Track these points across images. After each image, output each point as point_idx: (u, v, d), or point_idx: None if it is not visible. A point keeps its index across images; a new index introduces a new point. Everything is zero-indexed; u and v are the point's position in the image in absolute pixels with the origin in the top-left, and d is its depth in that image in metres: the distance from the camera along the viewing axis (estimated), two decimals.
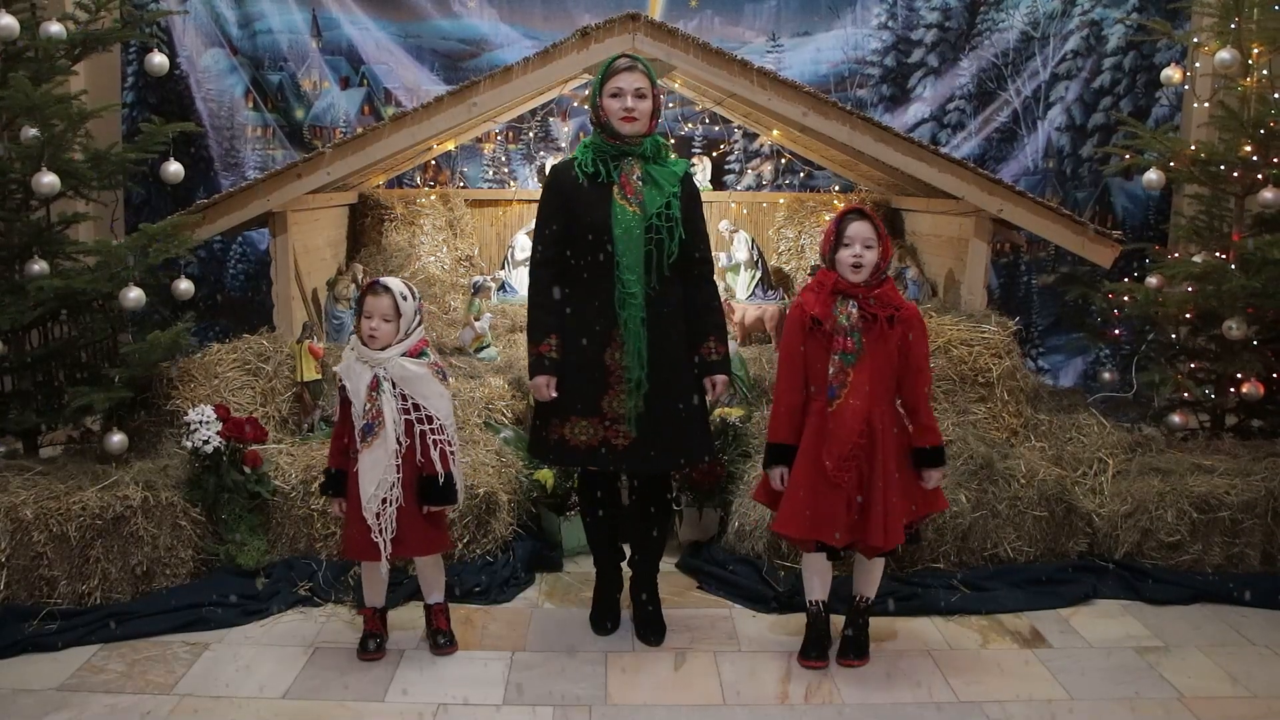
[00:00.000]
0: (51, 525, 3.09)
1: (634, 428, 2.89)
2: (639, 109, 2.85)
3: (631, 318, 2.85)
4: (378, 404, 2.84)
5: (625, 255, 2.83)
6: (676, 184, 2.90)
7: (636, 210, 2.84)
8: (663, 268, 2.87)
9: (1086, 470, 3.80)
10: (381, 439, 2.84)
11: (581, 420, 2.91)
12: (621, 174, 2.87)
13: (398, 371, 2.87)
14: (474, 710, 2.74)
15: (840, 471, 2.76)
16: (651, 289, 2.87)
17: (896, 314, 2.82)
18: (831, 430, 2.78)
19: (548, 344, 2.91)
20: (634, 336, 2.85)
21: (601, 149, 2.90)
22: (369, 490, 2.84)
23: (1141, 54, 5.67)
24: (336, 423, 2.97)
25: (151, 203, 5.48)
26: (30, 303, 3.40)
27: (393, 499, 2.86)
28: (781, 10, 5.74)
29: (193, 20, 5.55)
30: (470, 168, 5.90)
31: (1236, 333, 3.98)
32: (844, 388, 2.78)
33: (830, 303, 2.82)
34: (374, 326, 2.86)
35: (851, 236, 2.80)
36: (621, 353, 2.87)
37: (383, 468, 2.84)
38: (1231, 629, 3.30)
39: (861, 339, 2.78)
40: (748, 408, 4.06)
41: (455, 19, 5.71)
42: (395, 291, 2.88)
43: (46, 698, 2.76)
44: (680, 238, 2.87)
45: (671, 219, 2.86)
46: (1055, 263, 5.78)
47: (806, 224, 5.66)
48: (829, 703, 2.81)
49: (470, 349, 4.69)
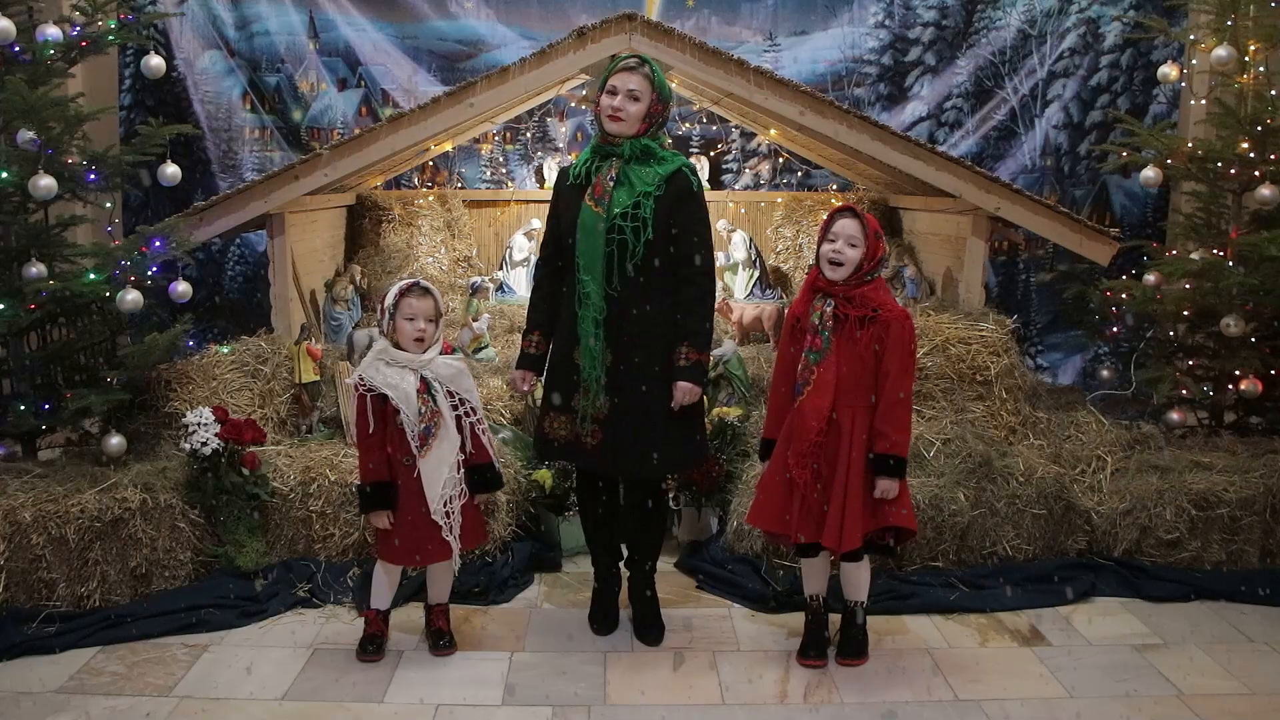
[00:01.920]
0: (50, 528, 3.08)
1: (600, 428, 2.90)
2: (626, 110, 2.82)
3: (585, 318, 2.84)
4: (432, 405, 2.87)
5: (584, 255, 2.84)
6: (656, 184, 2.82)
7: (600, 211, 2.82)
8: (624, 269, 2.83)
9: (1085, 468, 3.80)
10: (442, 438, 2.88)
11: (560, 416, 2.96)
12: (597, 175, 2.86)
13: (444, 371, 2.91)
14: (473, 711, 2.74)
15: (798, 468, 2.78)
16: (613, 290, 2.83)
17: (874, 316, 2.76)
18: (794, 426, 2.81)
19: (529, 340, 3.03)
20: (586, 336, 2.85)
21: (597, 149, 2.91)
22: (436, 491, 2.87)
23: (1139, 51, 5.67)
24: (370, 434, 2.88)
25: (149, 205, 5.48)
26: (28, 305, 3.41)
27: (458, 494, 2.91)
28: (778, 9, 5.74)
29: (190, 22, 5.55)
30: (468, 168, 5.90)
31: (1235, 330, 3.98)
32: (808, 385, 2.79)
33: (809, 300, 2.84)
34: (421, 328, 2.89)
35: (836, 233, 2.79)
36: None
37: (448, 465, 2.89)
38: (1230, 626, 3.30)
39: (830, 337, 2.78)
40: (746, 407, 4.06)
41: (452, 20, 5.71)
42: (436, 294, 2.94)
43: (46, 700, 2.76)
44: (647, 239, 2.80)
45: (639, 219, 2.80)
46: (1053, 260, 5.78)
47: (804, 223, 5.67)
48: (828, 702, 2.81)
49: (468, 350, 4.69)
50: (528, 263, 5.53)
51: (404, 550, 2.94)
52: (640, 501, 3.10)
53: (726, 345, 4.24)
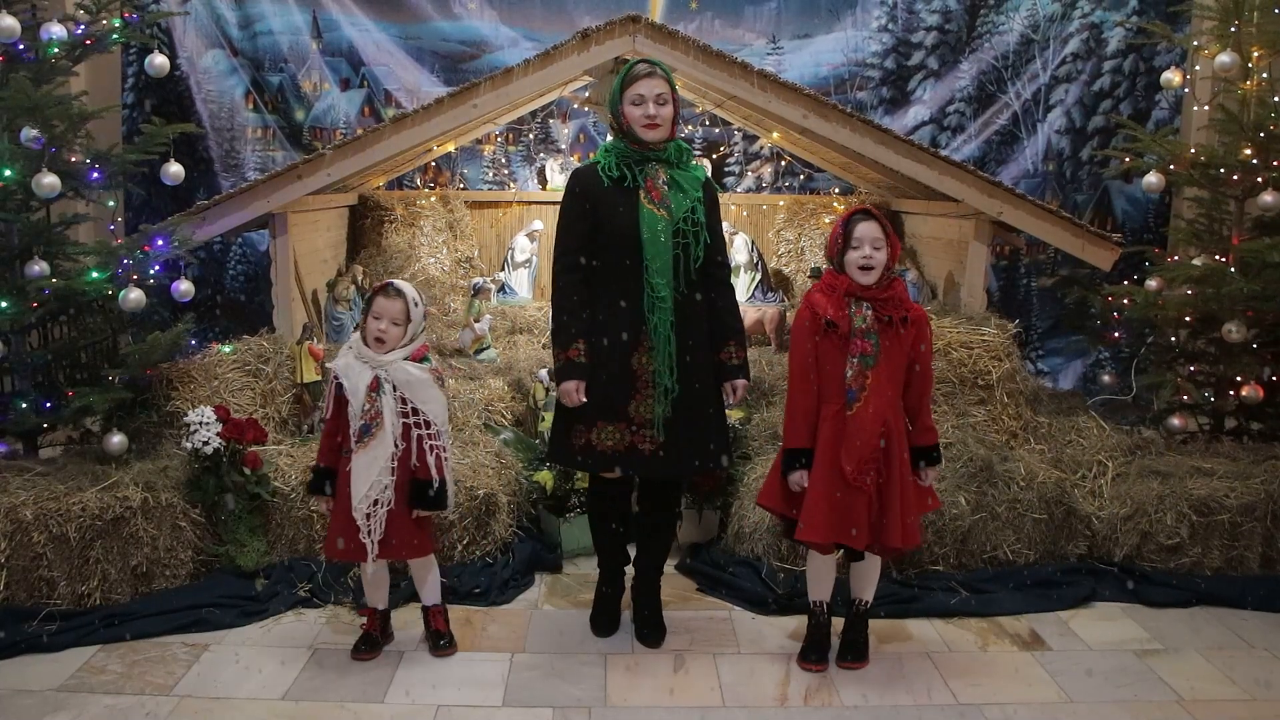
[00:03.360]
0: (51, 526, 3.08)
1: (661, 433, 2.89)
2: (661, 115, 2.86)
3: (661, 323, 2.85)
4: (377, 405, 2.84)
5: (654, 260, 2.83)
6: (699, 188, 2.91)
7: (664, 215, 2.84)
8: (689, 272, 2.88)
9: (1086, 473, 3.80)
10: (379, 440, 2.83)
11: (609, 425, 2.89)
12: (647, 178, 2.87)
13: (400, 375, 2.86)
14: (473, 712, 2.74)
15: (860, 475, 2.76)
16: (679, 293, 2.87)
17: (909, 315, 2.82)
18: (850, 434, 2.77)
19: (576, 349, 2.86)
20: (664, 342, 2.85)
21: (625, 154, 2.90)
22: (361, 490, 2.83)
23: (1141, 57, 5.68)
24: (328, 420, 2.95)
25: (152, 204, 5.49)
26: (30, 303, 3.41)
27: (384, 500, 2.85)
28: (781, 12, 5.75)
29: (193, 21, 5.55)
30: (470, 169, 5.91)
31: (1236, 336, 3.98)
32: (863, 391, 2.77)
33: (844, 305, 2.80)
34: (383, 329, 2.87)
35: (860, 238, 2.79)
36: (649, 357, 2.86)
37: (378, 469, 2.83)
38: (1231, 632, 3.30)
39: (879, 341, 2.78)
40: (747, 409, 4.06)
41: (456, 21, 5.72)
42: (409, 297, 2.90)
43: (46, 698, 2.76)
44: (706, 242, 2.89)
45: (697, 223, 2.87)
46: (1055, 265, 5.79)
47: (806, 226, 5.68)
48: (828, 705, 2.81)
49: (470, 350, 4.69)
50: (530, 264, 5.54)
51: (330, 539, 2.94)
52: (663, 504, 3.10)
53: (746, 351, 4.23)
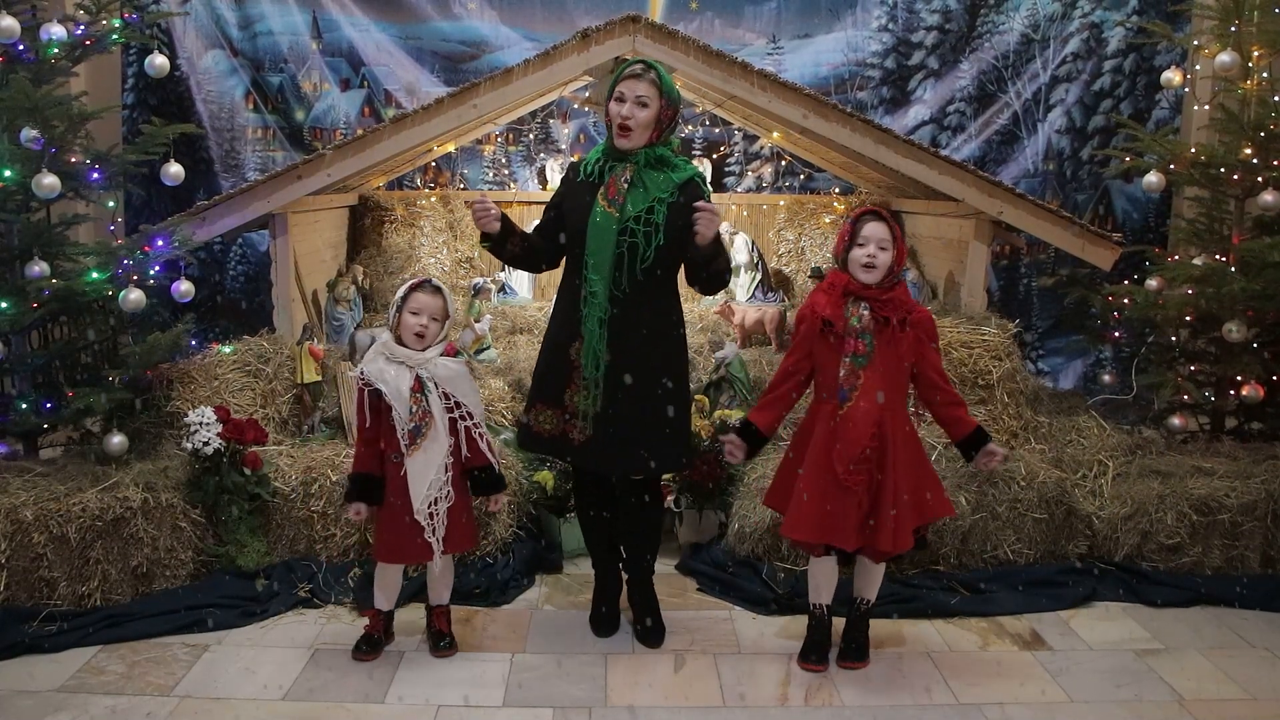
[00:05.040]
0: (51, 527, 3.08)
1: (590, 425, 2.89)
2: (635, 118, 2.82)
3: (590, 316, 2.85)
4: (424, 405, 2.85)
5: (594, 255, 2.84)
6: (670, 191, 2.85)
7: (613, 212, 2.83)
8: (633, 272, 2.84)
9: (1086, 472, 3.80)
10: (432, 439, 2.86)
11: (546, 409, 2.96)
12: (611, 176, 2.87)
13: (441, 371, 2.89)
14: (474, 711, 2.74)
15: (851, 475, 2.75)
16: (620, 291, 2.84)
17: (909, 317, 2.81)
18: (842, 433, 2.77)
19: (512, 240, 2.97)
20: (591, 335, 2.85)
21: (607, 150, 2.92)
22: (421, 491, 2.85)
23: (1142, 57, 5.67)
24: (365, 427, 2.91)
25: (151, 204, 5.49)
26: (30, 303, 3.41)
27: (444, 497, 2.89)
28: (782, 12, 5.75)
29: (193, 22, 5.55)
30: (470, 169, 5.91)
31: (1236, 335, 3.98)
32: (855, 390, 2.77)
33: (842, 304, 2.81)
34: (424, 324, 2.88)
35: (866, 237, 2.80)
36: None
37: (435, 467, 2.86)
38: (1231, 632, 3.30)
39: (873, 341, 2.78)
40: (747, 409, 4.05)
41: (455, 21, 5.71)
42: (448, 296, 2.93)
43: (47, 699, 2.76)
44: (659, 243, 2.82)
45: (651, 224, 2.82)
46: (1055, 265, 5.79)
47: (806, 226, 5.67)
48: (828, 705, 2.81)
49: (470, 351, 4.69)
50: None
51: (390, 548, 2.95)
52: (635, 498, 3.09)
53: (728, 348, 4.24)
